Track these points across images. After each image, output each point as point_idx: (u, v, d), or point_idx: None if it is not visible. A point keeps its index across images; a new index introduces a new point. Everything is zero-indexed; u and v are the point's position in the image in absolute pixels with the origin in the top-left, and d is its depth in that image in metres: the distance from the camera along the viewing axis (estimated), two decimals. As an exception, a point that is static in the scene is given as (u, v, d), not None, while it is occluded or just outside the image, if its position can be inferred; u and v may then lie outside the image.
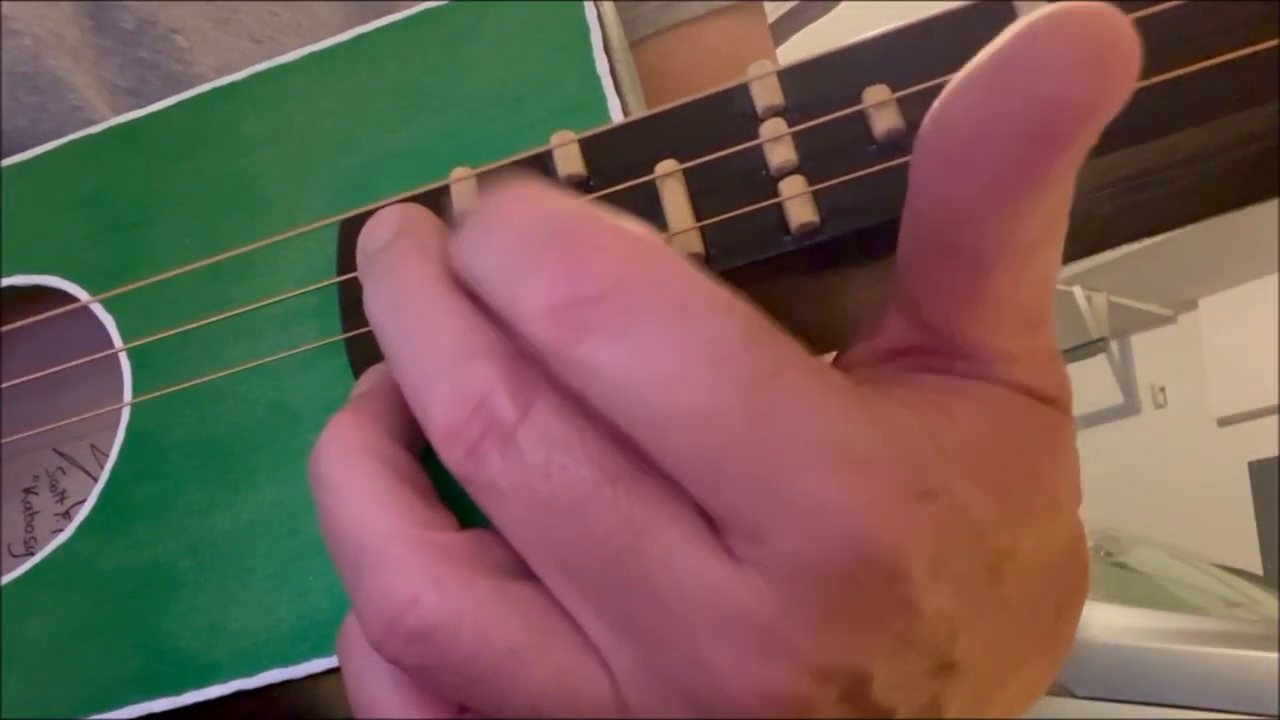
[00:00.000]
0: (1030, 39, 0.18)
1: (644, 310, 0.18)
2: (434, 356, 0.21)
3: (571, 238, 0.19)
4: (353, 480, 0.21)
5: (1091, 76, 0.17)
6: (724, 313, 0.19)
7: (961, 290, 0.20)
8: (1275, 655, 1.86)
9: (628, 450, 0.19)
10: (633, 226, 0.19)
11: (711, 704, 0.19)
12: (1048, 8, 0.18)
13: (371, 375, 0.25)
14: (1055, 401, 0.22)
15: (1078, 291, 4.05)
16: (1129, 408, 4.65)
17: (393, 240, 0.23)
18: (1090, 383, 4.45)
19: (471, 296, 0.21)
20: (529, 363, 0.20)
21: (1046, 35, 0.18)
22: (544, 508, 0.19)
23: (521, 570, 0.21)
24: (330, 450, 0.22)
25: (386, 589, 0.20)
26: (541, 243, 0.19)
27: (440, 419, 0.20)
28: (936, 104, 0.19)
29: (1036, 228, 0.20)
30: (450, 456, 0.20)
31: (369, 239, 0.24)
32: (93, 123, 0.36)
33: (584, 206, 0.20)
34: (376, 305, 0.23)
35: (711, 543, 0.19)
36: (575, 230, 0.19)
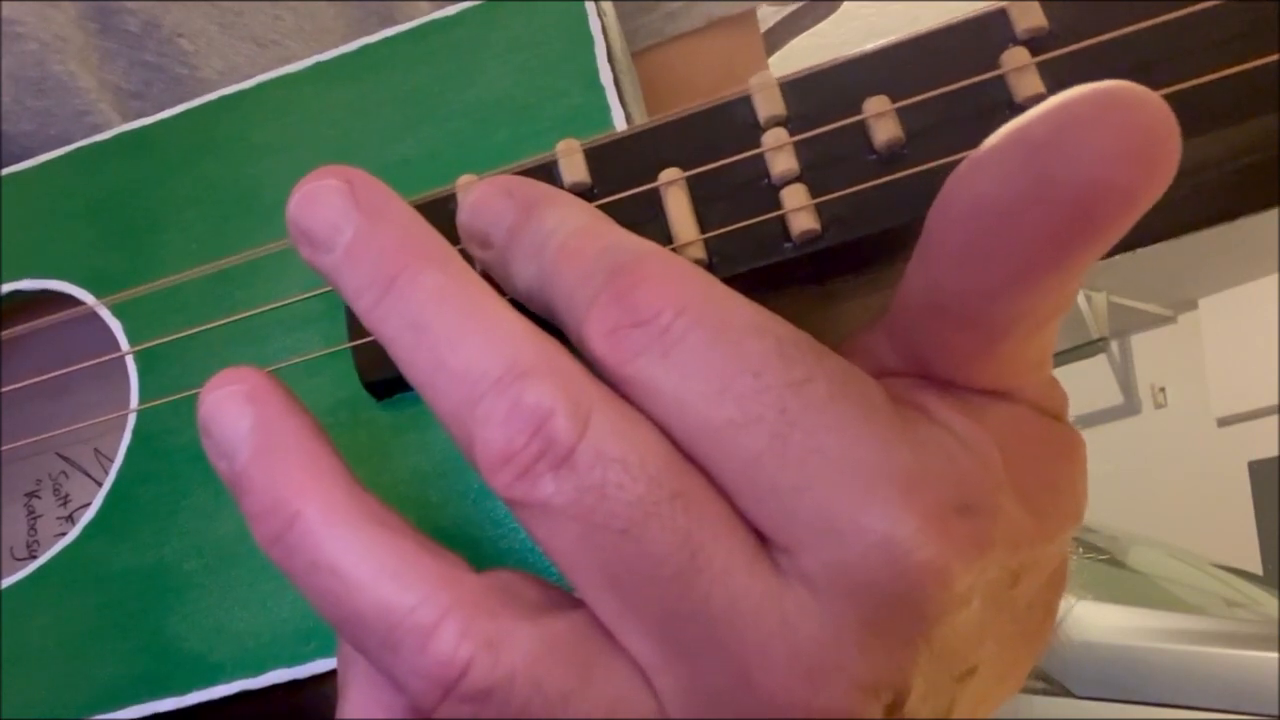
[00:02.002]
0: (1072, 125, 0.17)
1: (686, 330, 0.19)
2: (478, 376, 0.20)
3: (623, 269, 0.20)
4: (351, 556, 0.20)
5: (1135, 168, 0.17)
6: (760, 330, 0.19)
7: (969, 350, 0.20)
8: (1275, 655, 1.86)
9: (680, 466, 0.19)
10: (678, 259, 0.21)
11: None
12: (1088, 89, 0.17)
13: (267, 413, 0.22)
14: (1060, 417, 0.22)
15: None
16: (1129, 408, 4.64)
17: (395, 249, 0.21)
18: (1090, 383, 4.44)
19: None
20: (579, 369, 0.20)
21: (1090, 122, 0.17)
22: (600, 528, 0.19)
23: (548, 603, 0.21)
24: (308, 526, 0.20)
25: (437, 659, 0.19)
26: (601, 275, 0.20)
27: (494, 443, 0.19)
28: (964, 170, 0.18)
29: (1057, 304, 0.19)
30: (500, 481, 0.19)
31: (362, 249, 0.21)
32: (99, 127, 0.36)
33: (634, 240, 0.21)
34: (394, 321, 0.21)
35: (761, 558, 0.19)
36: (628, 263, 0.20)
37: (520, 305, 0.23)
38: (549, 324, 0.22)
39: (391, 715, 0.21)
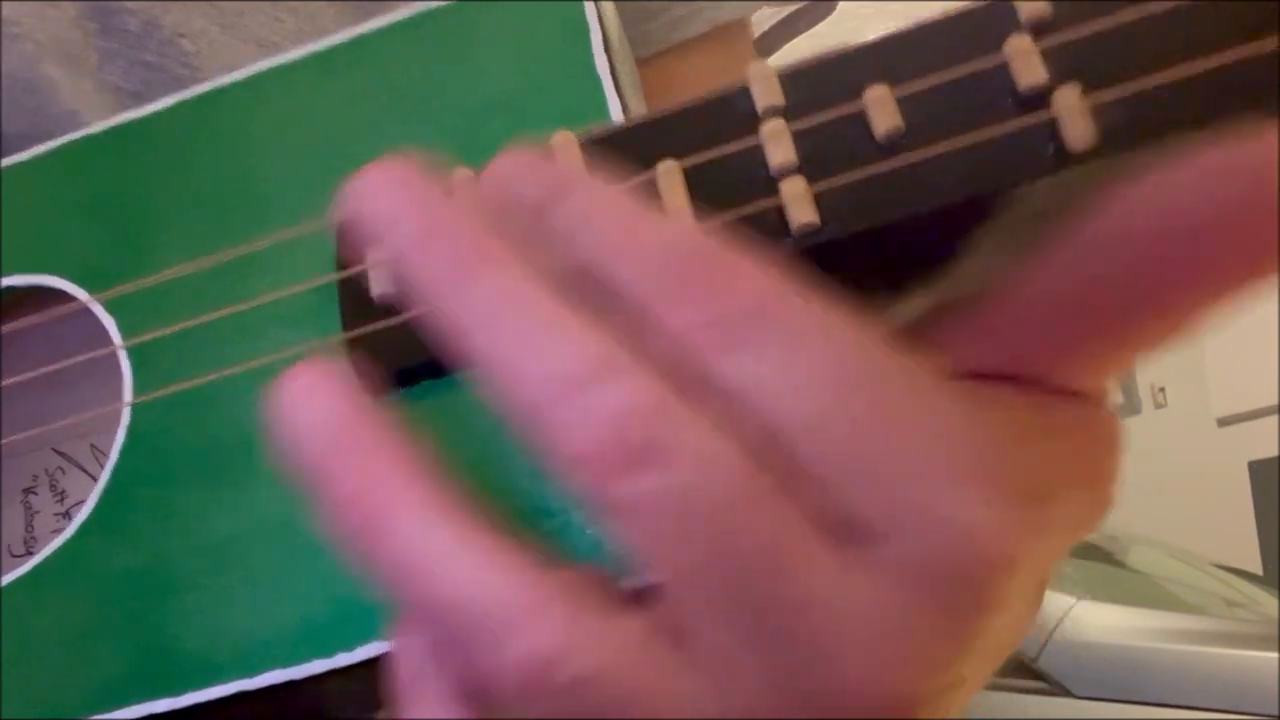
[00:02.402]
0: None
1: (779, 325, 0.20)
2: (568, 373, 0.19)
3: (712, 263, 0.20)
4: (439, 547, 0.20)
5: None
6: (844, 326, 0.20)
7: (1084, 357, 0.22)
8: (1275, 655, 1.87)
9: (766, 460, 0.19)
10: (753, 256, 0.21)
11: (834, 707, 0.19)
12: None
13: (336, 405, 0.22)
14: (1111, 410, 0.23)
15: (1078, 291, 4.03)
16: (1129, 408, 4.65)
17: (477, 237, 0.21)
18: (1090, 383, 4.44)
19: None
20: (663, 366, 0.20)
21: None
22: (690, 525, 0.19)
23: (625, 599, 0.21)
24: (395, 516, 0.21)
25: (531, 651, 0.19)
26: (687, 267, 0.20)
27: (583, 442, 0.19)
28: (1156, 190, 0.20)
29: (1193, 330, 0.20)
30: (588, 479, 0.19)
31: (437, 232, 0.21)
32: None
33: (700, 232, 0.21)
34: (477, 308, 0.20)
35: (845, 549, 0.19)
36: (714, 256, 0.20)
37: None
38: None
39: (458, 716, 0.21)
